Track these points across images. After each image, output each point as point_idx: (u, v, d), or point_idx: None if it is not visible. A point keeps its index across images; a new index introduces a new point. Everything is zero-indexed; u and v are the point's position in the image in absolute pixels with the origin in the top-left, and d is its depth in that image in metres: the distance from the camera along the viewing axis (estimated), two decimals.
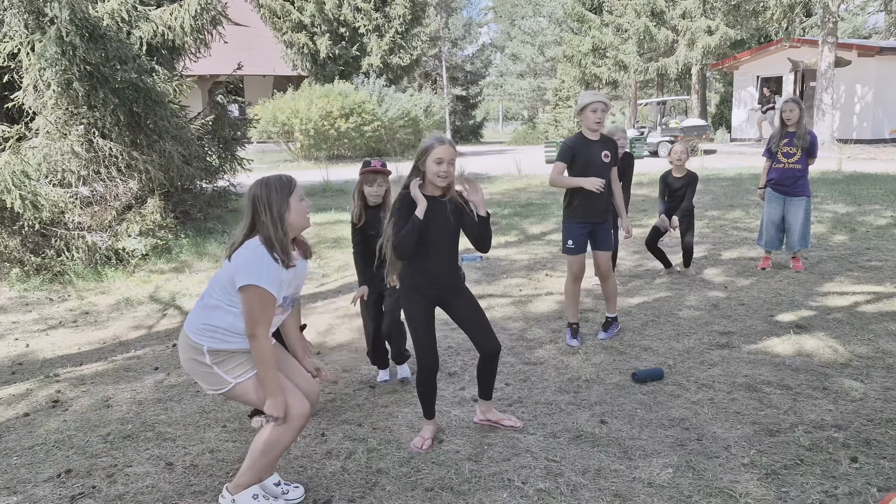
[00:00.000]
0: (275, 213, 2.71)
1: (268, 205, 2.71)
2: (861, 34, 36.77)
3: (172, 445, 3.58)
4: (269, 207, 2.71)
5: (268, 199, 2.72)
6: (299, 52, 25.80)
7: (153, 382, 4.49)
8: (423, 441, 3.45)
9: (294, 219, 2.77)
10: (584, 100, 4.64)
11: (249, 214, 2.75)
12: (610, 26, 29.01)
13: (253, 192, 2.76)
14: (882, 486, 2.92)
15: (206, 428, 3.77)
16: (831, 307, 5.40)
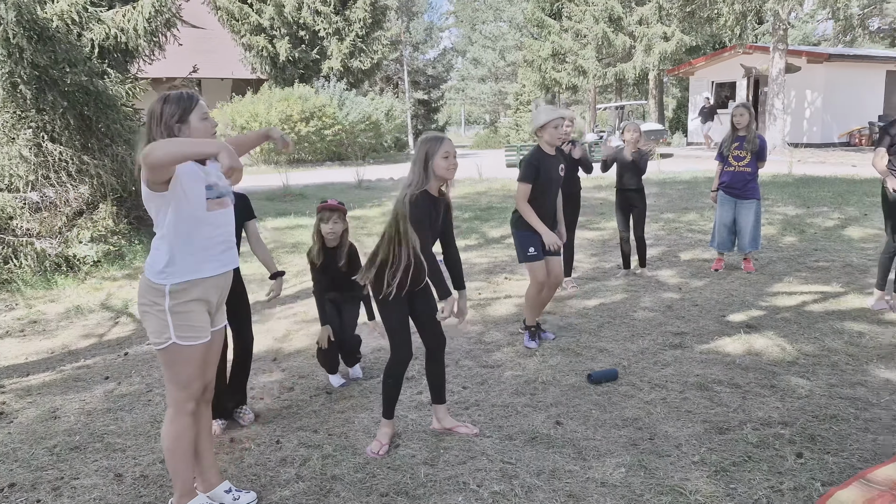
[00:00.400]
0: (164, 127, 2.57)
1: (160, 119, 2.58)
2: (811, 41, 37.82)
3: (122, 456, 3.50)
4: (160, 122, 2.57)
5: (160, 114, 2.58)
6: (258, 55, 25.54)
7: (103, 392, 4.39)
8: (381, 446, 3.43)
9: (195, 136, 2.62)
10: (545, 116, 4.64)
11: (146, 131, 2.60)
12: (569, 32, 29.35)
13: (150, 108, 2.61)
14: (826, 480, 3.00)
15: (158, 437, 3.69)
16: (780, 307, 5.54)
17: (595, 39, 27.75)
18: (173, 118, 2.58)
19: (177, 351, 2.65)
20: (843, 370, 4.21)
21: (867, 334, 4.81)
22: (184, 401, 2.72)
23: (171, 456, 2.77)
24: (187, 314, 2.64)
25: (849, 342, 4.68)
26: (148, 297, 2.64)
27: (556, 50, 29.92)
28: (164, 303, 2.61)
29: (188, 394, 2.73)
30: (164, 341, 2.64)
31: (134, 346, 5.31)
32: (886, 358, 4.37)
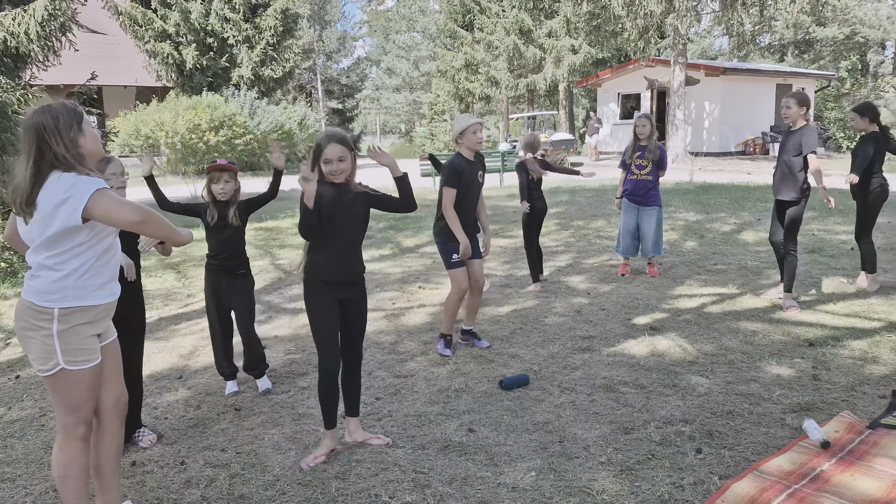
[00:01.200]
0: (67, 140, 2.43)
1: (57, 132, 2.42)
2: (708, 55, 39.86)
3: (12, 486, 3.29)
4: (58, 135, 2.42)
5: (56, 127, 2.43)
6: (164, 62, 24.66)
7: None
8: (315, 458, 3.36)
9: (90, 145, 2.53)
10: (463, 123, 4.74)
11: (34, 147, 2.41)
12: (481, 43, 29.84)
13: (36, 121, 2.42)
14: (723, 473, 3.14)
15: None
16: (682, 309, 5.79)
17: (506, 51, 28.34)
18: (72, 129, 2.46)
19: (65, 376, 2.53)
20: (738, 367, 4.43)
21: (760, 332, 5.09)
22: (73, 425, 2.60)
23: (62, 484, 2.64)
24: (76, 338, 2.53)
25: (744, 341, 4.93)
26: (29, 320, 2.51)
27: (468, 61, 30.36)
28: (51, 327, 2.49)
29: (77, 418, 2.60)
30: (51, 368, 2.52)
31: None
32: (777, 355, 4.63)
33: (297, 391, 4.36)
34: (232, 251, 4.25)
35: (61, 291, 2.48)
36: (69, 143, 2.43)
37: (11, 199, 2.49)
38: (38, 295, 2.49)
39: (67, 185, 2.40)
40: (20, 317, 2.54)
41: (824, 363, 4.44)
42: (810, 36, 36.87)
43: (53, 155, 2.41)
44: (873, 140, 5.95)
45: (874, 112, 6.05)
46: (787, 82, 26.10)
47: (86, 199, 2.36)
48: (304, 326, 5.72)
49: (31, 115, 2.45)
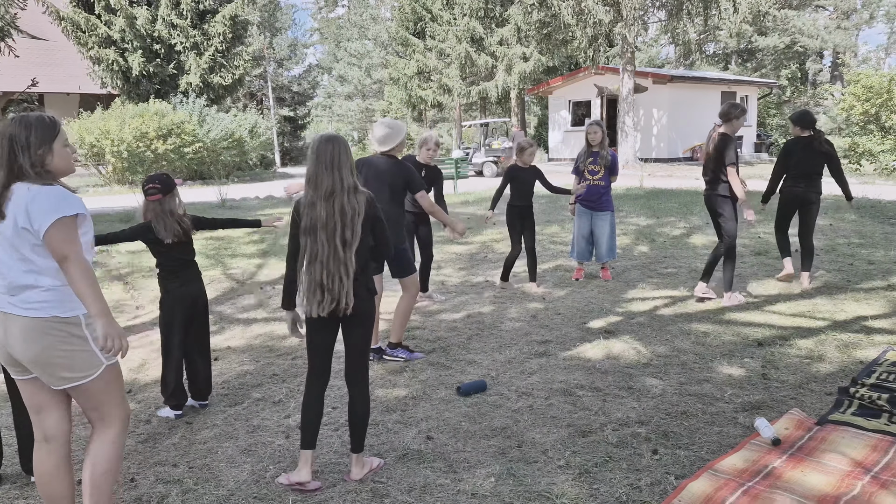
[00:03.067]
0: (34, 155, 2.44)
1: (27, 146, 2.44)
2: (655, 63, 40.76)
3: None
4: (27, 149, 2.44)
5: (27, 141, 2.44)
6: (108, 68, 24.06)
7: None
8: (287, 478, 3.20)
9: (58, 163, 2.53)
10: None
11: (5, 157, 2.43)
12: (433, 51, 29.92)
13: (9, 132, 2.44)
14: (678, 473, 3.18)
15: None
16: (635, 312, 5.87)
17: (458, 59, 28.49)
18: (41, 146, 2.46)
19: (109, 371, 2.61)
20: (691, 368, 4.51)
21: (711, 334, 5.19)
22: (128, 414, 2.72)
23: (106, 478, 2.67)
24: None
25: (696, 342, 5.02)
26: (54, 336, 2.48)
27: (421, 68, 30.41)
28: (83, 333, 2.52)
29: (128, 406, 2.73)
30: (96, 370, 2.56)
31: None
32: (728, 355, 4.73)
33: (251, 403, 4.27)
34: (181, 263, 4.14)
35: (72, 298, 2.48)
36: (36, 159, 2.44)
37: None
38: (60, 308, 2.48)
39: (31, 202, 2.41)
40: (38, 336, 2.46)
41: (773, 362, 4.55)
42: (752, 45, 38.06)
43: (19, 167, 2.43)
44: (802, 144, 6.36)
45: (806, 121, 6.44)
46: (732, 90, 26.86)
47: (46, 225, 2.39)
48: (256, 337, 5.62)
49: (7, 125, 2.47)
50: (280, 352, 5.25)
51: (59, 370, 2.51)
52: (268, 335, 5.66)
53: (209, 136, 22.57)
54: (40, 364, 2.50)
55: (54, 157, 2.51)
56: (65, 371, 2.51)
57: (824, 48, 38.66)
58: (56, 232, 2.39)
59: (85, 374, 2.53)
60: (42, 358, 2.48)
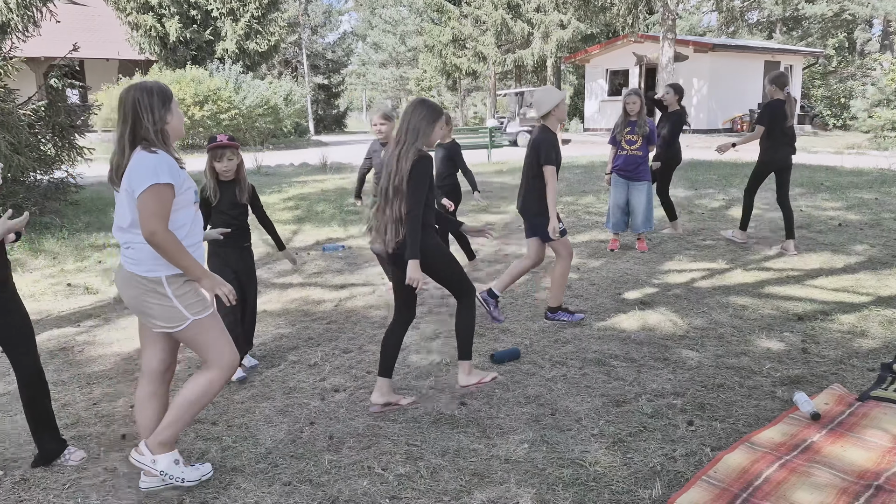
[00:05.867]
0: (157, 118, 2.66)
1: (150, 109, 2.65)
2: (696, 32, 39.73)
3: (0, 459, 3.25)
4: (151, 112, 2.65)
5: (150, 104, 2.65)
6: (146, 34, 24.24)
7: None
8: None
9: (175, 125, 2.75)
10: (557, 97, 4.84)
11: (129, 121, 2.64)
12: (469, 18, 29.54)
13: (133, 97, 2.65)
14: (714, 445, 3.16)
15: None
16: (671, 284, 5.80)
17: (494, 26, 28.09)
18: (162, 108, 2.68)
19: (198, 324, 2.77)
20: (728, 341, 4.45)
21: (750, 307, 5.11)
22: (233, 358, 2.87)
23: (191, 409, 2.83)
24: (191, 292, 2.76)
25: (734, 315, 4.95)
26: (140, 290, 2.71)
27: (456, 35, 30.07)
28: (165, 291, 2.71)
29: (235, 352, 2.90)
30: (182, 323, 2.74)
31: None
32: (767, 329, 4.65)
33: (287, 365, 4.34)
34: (240, 227, 4.17)
35: (160, 260, 2.67)
36: (159, 122, 2.66)
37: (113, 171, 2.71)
38: (139, 266, 2.69)
39: (138, 165, 2.61)
40: (129, 285, 2.73)
41: (813, 337, 4.47)
42: (799, 13, 36.81)
43: (145, 129, 2.64)
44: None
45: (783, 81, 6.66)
46: (776, 59, 26.10)
47: (142, 188, 2.57)
48: (292, 301, 5.69)
49: (128, 91, 2.67)
50: (315, 316, 5.30)
51: (149, 317, 2.76)
52: (303, 300, 5.73)
53: (245, 104, 22.68)
54: (134, 308, 2.79)
55: (173, 119, 2.72)
56: (153, 318, 2.75)
57: (874, 16, 37.23)
58: (147, 198, 2.57)
59: (171, 325, 2.75)
60: (134, 304, 2.77)
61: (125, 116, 2.65)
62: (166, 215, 2.62)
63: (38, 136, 9.12)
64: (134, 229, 2.67)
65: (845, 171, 12.42)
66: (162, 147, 2.67)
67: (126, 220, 2.69)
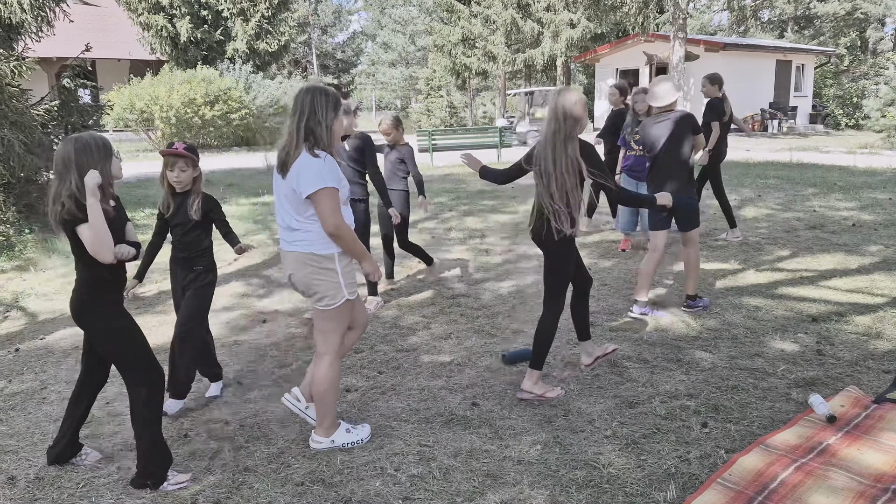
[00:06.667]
0: (328, 119, 2.97)
1: (325, 109, 2.96)
2: (707, 31, 39.53)
3: (14, 458, 3.27)
4: (325, 112, 2.96)
5: (325, 105, 2.96)
6: (157, 34, 24.32)
7: None
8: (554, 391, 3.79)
9: (338, 130, 3.05)
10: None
11: (303, 121, 2.94)
12: (478, 17, 29.48)
13: (312, 96, 2.96)
14: (729, 447, 3.13)
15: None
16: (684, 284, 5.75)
17: (504, 25, 28.02)
18: (333, 111, 2.99)
19: (346, 305, 3.11)
20: (742, 343, 4.42)
21: (763, 308, 5.07)
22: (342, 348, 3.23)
23: (327, 395, 3.17)
24: (351, 272, 3.13)
25: (747, 316, 4.92)
26: (313, 266, 3.04)
27: (465, 35, 30.00)
28: (335, 266, 3.05)
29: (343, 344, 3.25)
30: (338, 300, 3.07)
31: (26, 341, 4.97)
32: (781, 330, 4.61)
33: (299, 365, 4.34)
34: (189, 246, 3.73)
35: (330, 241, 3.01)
36: (328, 123, 2.96)
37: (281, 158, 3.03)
38: (314, 245, 3.02)
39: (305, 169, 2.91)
40: (302, 265, 3.05)
41: (828, 338, 4.43)
42: (811, 11, 36.57)
43: (315, 127, 2.94)
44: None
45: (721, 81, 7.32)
46: (788, 58, 25.93)
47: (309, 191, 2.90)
48: (304, 300, 5.69)
49: (307, 90, 2.99)
50: None
51: (314, 294, 3.08)
52: None
53: (255, 103, 22.72)
54: (303, 286, 3.11)
55: (337, 122, 3.02)
56: (317, 294, 3.07)
57: (887, 15, 36.94)
58: (321, 199, 2.91)
59: (330, 302, 3.07)
60: (303, 282, 3.09)
61: (301, 111, 2.94)
62: (339, 210, 2.96)
63: (51, 136, 9.16)
64: (309, 218, 2.99)
65: (858, 171, 12.32)
66: (325, 146, 2.97)
67: (302, 212, 2.99)
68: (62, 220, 2.73)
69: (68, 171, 2.73)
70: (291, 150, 2.97)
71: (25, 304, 5.92)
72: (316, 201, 2.92)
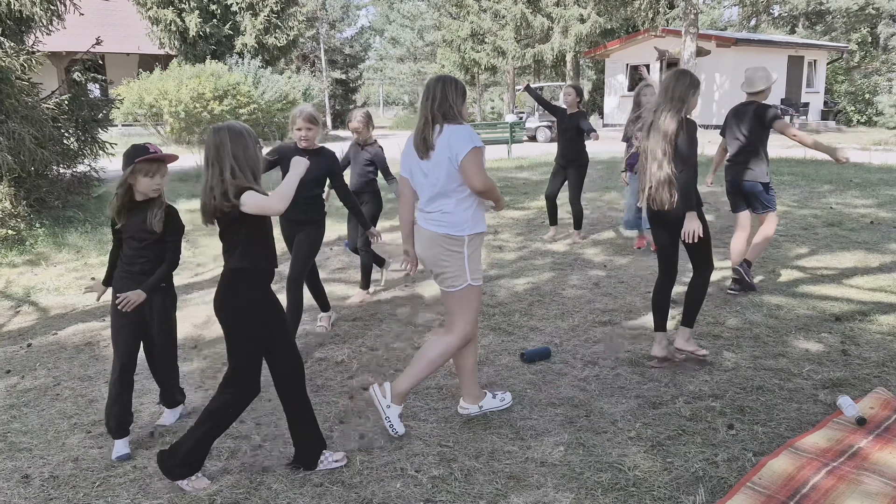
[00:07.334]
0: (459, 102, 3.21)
1: (456, 93, 3.19)
2: (717, 26, 39.27)
3: (28, 456, 3.22)
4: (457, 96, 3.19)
5: (456, 89, 3.19)
6: (166, 29, 24.28)
7: (4, 387, 4.04)
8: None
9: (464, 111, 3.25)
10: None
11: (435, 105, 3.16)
12: (487, 12, 29.36)
13: (443, 84, 3.18)
14: (757, 450, 3.06)
15: (68, 434, 3.43)
16: None
17: (513, 20, 27.88)
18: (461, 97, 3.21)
19: (469, 290, 3.24)
20: (765, 342, 4.33)
21: (784, 307, 4.99)
22: (471, 334, 3.32)
23: (429, 366, 3.29)
24: (476, 256, 3.26)
25: (768, 315, 4.83)
26: (443, 247, 3.20)
27: (474, 30, 29.89)
28: (463, 249, 3.20)
29: (475, 328, 3.36)
30: (460, 284, 3.21)
31: (38, 336, 4.93)
32: (804, 329, 4.53)
33: (313, 363, 4.29)
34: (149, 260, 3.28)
35: (467, 222, 3.19)
36: (459, 105, 3.20)
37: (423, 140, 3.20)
38: (452, 227, 3.18)
39: (453, 132, 3.13)
40: (432, 245, 3.23)
41: (853, 338, 4.35)
42: (822, 6, 36.25)
43: (451, 109, 3.16)
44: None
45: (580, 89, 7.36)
46: (800, 54, 25.72)
47: (465, 151, 3.09)
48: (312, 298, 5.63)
49: (438, 79, 3.23)
50: (340, 313, 5.25)
51: (441, 274, 3.24)
52: (328, 296, 5.66)
53: (264, 98, 22.67)
54: (431, 266, 3.28)
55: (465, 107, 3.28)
56: (444, 275, 3.23)
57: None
58: (472, 158, 3.08)
59: (454, 284, 3.22)
60: (432, 262, 3.26)
61: (433, 97, 3.17)
62: (484, 169, 3.15)
63: (61, 130, 9.12)
64: (456, 194, 3.15)
65: (874, 168, 12.18)
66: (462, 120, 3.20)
67: (451, 185, 3.14)
68: (218, 210, 2.71)
69: (223, 158, 2.71)
70: (428, 131, 3.17)
71: (37, 298, 5.88)
72: (468, 160, 3.09)
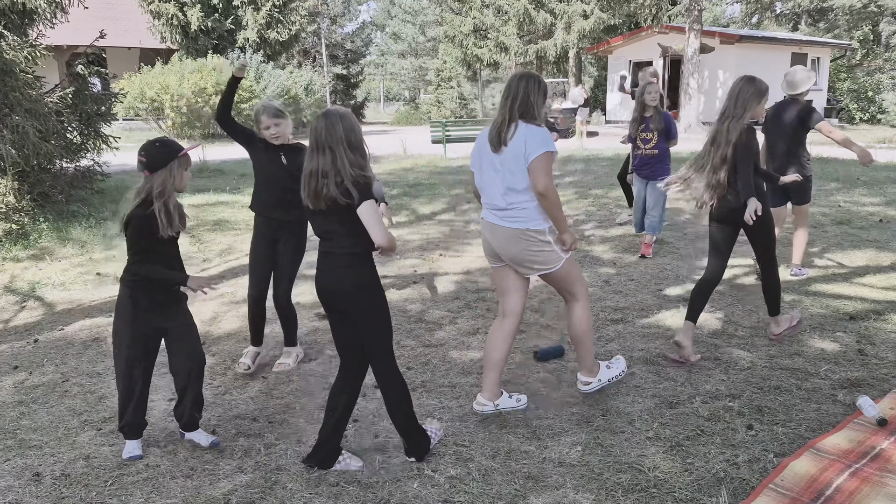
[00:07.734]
0: (539, 101, 3.25)
1: (538, 92, 3.24)
2: (720, 23, 39.17)
3: (39, 454, 3.18)
4: (538, 95, 3.24)
5: (539, 89, 3.24)
6: (168, 23, 24.18)
7: (13, 383, 4.00)
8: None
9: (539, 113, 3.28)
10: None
11: (516, 103, 3.21)
12: (490, 7, 29.26)
13: (526, 82, 3.24)
14: (778, 451, 3.02)
15: (78, 432, 3.39)
16: None
17: (516, 16, 27.78)
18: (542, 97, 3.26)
19: (567, 263, 3.35)
20: (780, 341, 4.29)
21: (798, 306, 4.94)
22: (587, 292, 3.48)
23: (585, 337, 3.45)
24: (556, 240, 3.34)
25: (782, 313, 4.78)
26: (525, 243, 3.28)
27: (477, 26, 29.80)
28: (547, 238, 3.29)
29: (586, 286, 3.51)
30: (556, 263, 3.31)
31: (45, 332, 4.89)
32: (818, 328, 4.49)
33: (325, 359, 4.25)
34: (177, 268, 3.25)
35: (541, 215, 3.26)
36: (539, 104, 3.25)
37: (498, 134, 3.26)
38: (528, 222, 3.26)
39: (527, 133, 3.17)
40: (514, 242, 3.29)
41: (868, 337, 4.30)
42: (825, 4, 36.15)
43: (530, 108, 3.22)
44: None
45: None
46: (803, 51, 25.64)
47: (537, 153, 3.14)
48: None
49: (521, 77, 3.28)
50: None
51: (531, 264, 3.33)
52: None
53: (265, 93, 22.59)
54: (516, 261, 3.34)
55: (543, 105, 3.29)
56: (535, 264, 3.32)
57: None
58: (539, 162, 3.13)
59: (550, 266, 3.31)
60: (517, 257, 3.32)
61: (514, 95, 3.22)
62: (551, 174, 3.18)
63: (64, 124, 9.06)
64: (527, 192, 3.20)
65: (880, 166, 12.13)
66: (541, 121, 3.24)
67: (522, 184, 3.20)
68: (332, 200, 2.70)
69: (336, 143, 2.71)
70: (504, 128, 3.22)
71: (42, 293, 5.84)
72: (538, 161, 3.13)
